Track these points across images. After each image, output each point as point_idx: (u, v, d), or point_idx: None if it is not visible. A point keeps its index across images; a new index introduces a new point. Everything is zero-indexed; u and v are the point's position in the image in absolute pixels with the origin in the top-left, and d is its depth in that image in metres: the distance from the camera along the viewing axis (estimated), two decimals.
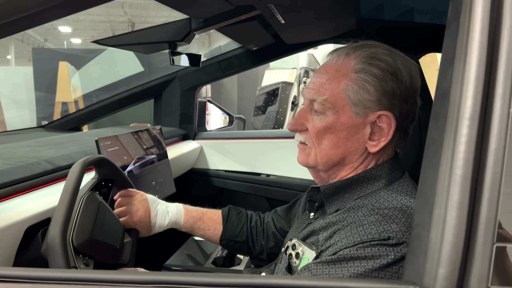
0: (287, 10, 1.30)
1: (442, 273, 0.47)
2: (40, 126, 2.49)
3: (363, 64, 0.81)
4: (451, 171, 0.48)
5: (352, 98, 0.81)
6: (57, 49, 10.21)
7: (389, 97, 0.81)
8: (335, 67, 0.84)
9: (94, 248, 0.97)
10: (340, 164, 0.86)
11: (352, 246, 0.71)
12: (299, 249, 0.85)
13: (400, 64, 0.82)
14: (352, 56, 0.83)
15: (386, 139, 0.82)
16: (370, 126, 0.82)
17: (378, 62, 0.81)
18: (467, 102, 0.48)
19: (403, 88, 0.82)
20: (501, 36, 0.49)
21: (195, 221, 1.22)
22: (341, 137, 0.83)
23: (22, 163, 1.17)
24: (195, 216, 1.23)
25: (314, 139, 0.86)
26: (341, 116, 0.82)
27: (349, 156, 0.85)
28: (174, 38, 1.48)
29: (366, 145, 0.83)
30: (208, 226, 1.24)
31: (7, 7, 0.68)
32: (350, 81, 0.81)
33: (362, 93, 0.80)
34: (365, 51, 0.83)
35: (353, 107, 0.81)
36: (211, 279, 0.49)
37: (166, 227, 1.18)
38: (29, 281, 0.52)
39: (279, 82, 4.57)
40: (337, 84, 0.82)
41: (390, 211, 0.75)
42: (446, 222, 0.47)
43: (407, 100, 0.83)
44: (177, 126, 2.30)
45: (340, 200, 0.85)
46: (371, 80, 0.80)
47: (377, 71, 0.80)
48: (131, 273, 0.51)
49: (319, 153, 0.86)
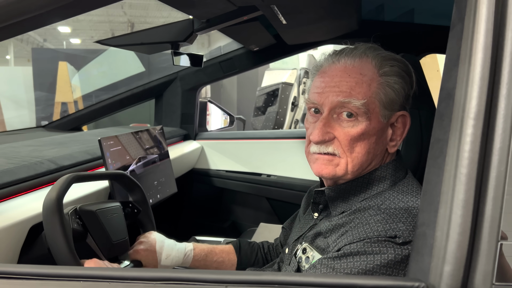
0: (289, 11, 1.30)
1: (447, 270, 0.47)
2: (41, 126, 2.49)
3: (385, 67, 0.82)
4: (456, 170, 0.48)
5: (384, 101, 0.81)
6: (57, 49, 10.21)
7: (407, 97, 0.85)
8: (358, 71, 0.81)
9: (92, 221, 1.00)
10: (366, 168, 0.86)
11: (358, 241, 0.72)
12: (309, 253, 0.85)
13: (408, 64, 0.86)
14: (369, 59, 0.83)
15: (401, 138, 0.85)
16: (391, 128, 0.85)
17: (397, 63, 0.83)
18: (472, 102, 0.49)
19: (412, 88, 0.86)
20: (505, 37, 0.49)
21: (207, 253, 1.16)
22: (372, 142, 0.82)
23: (25, 163, 1.18)
24: (205, 248, 1.17)
25: (346, 147, 0.81)
26: (372, 121, 0.81)
27: (375, 159, 0.85)
28: (177, 38, 1.48)
29: (387, 147, 0.85)
30: (222, 258, 1.18)
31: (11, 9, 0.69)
32: (380, 84, 0.81)
33: (393, 96, 0.81)
34: (378, 54, 0.84)
35: (382, 110, 0.81)
36: (219, 276, 0.49)
37: (174, 258, 1.12)
38: (36, 278, 0.52)
39: (279, 82, 4.57)
40: (367, 88, 0.80)
41: (396, 211, 0.76)
42: (452, 221, 0.48)
43: (410, 100, 0.87)
44: (178, 126, 2.30)
45: (345, 202, 0.85)
46: (399, 81, 0.82)
47: (399, 72, 0.82)
48: (139, 270, 0.51)
49: (351, 162, 0.82)
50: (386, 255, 0.69)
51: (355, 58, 0.83)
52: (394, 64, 0.82)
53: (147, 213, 1.21)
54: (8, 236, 0.95)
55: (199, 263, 1.15)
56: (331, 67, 0.84)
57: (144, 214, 1.20)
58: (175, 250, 1.11)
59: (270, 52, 2.07)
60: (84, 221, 1.00)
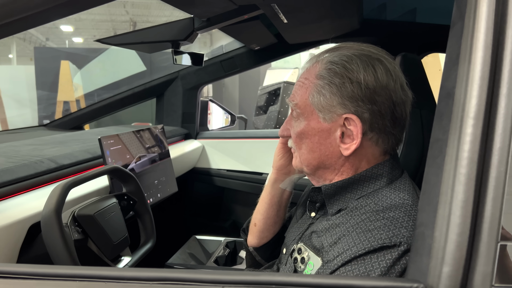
0: (290, 10, 1.30)
1: (446, 271, 0.47)
2: (42, 125, 2.49)
3: (324, 70, 0.84)
4: (455, 170, 0.48)
5: (316, 104, 0.84)
6: (59, 48, 10.22)
7: (350, 100, 0.81)
8: (305, 75, 0.88)
9: (92, 226, 1.01)
10: (322, 168, 0.88)
11: (362, 252, 0.71)
12: (304, 254, 0.85)
13: (360, 65, 0.81)
14: (319, 63, 0.86)
15: (356, 142, 0.81)
16: (340, 130, 0.83)
17: (335, 67, 0.82)
18: (472, 101, 0.48)
19: (365, 89, 0.80)
20: (505, 36, 0.49)
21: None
22: (314, 141, 0.86)
23: (25, 162, 1.18)
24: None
25: (295, 144, 0.91)
26: (311, 122, 0.85)
27: (327, 160, 0.86)
28: (177, 37, 1.48)
29: (339, 149, 0.84)
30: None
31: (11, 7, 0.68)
32: (312, 88, 0.85)
33: (322, 99, 0.83)
34: (330, 55, 0.85)
35: (319, 112, 0.84)
36: (215, 276, 0.49)
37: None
38: (32, 278, 0.52)
39: (280, 82, 4.56)
40: (304, 91, 0.86)
41: (395, 213, 0.75)
42: (451, 221, 0.47)
43: (374, 100, 0.80)
44: (179, 125, 2.30)
45: (342, 200, 0.85)
46: (327, 85, 0.82)
47: (333, 76, 0.82)
48: (135, 270, 0.51)
49: (300, 157, 0.90)
50: (390, 261, 0.68)
51: (313, 62, 0.88)
52: (330, 67, 0.82)
53: (143, 202, 1.22)
54: (8, 235, 0.95)
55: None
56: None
57: (140, 204, 1.21)
58: None
59: (271, 51, 2.06)
60: (84, 228, 1.00)
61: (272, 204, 1.10)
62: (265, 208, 1.10)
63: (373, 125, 0.81)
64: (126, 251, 1.14)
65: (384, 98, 0.81)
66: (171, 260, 1.62)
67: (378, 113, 0.81)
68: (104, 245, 1.03)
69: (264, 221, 1.11)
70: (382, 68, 0.81)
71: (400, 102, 0.83)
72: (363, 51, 0.84)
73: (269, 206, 1.10)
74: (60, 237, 0.88)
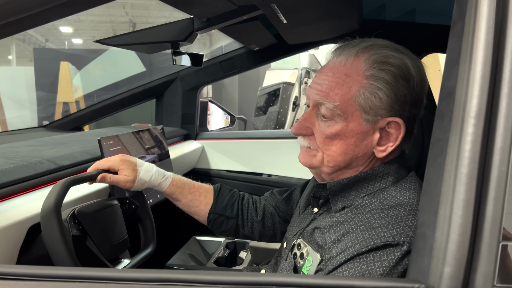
0: (289, 10, 1.30)
1: (447, 271, 0.47)
2: (42, 126, 2.49)
3: (374, 70, 0.78)
4: (456, 170, 0.48)
5: (363, 106, 0.79)
6: (59, 49, 10.23)
7: (400, 103, 0.79)
8: (344, 71, 0.81)
9: (91, 225, 1.00)
10: (345, 168, 0.85)
11: (365, 250, 0.70)
12: (304, 249, 0.84)
13: (411, 68, 0.79)
14: (362, 59, 0.80)
15: (394, 144, 0.81)
16: (379, 132, 0.81)
17: (390, 67, 0.78)
18: (473, 101, 0.48)
19: (414, 93, 0.80)
20: (506, 35, 0.49)
21: (185, 183, 1.18)
22: (350, 143, 0.81)
23: (25, 162, 1.17)
24: (185, 180, 1.18)
25: (321, 144, 0.84)
26: (350, 123, 0.80)
27: (356, 161, 0.84)
28: (177, 37, 1.48)
29: (374, 150, 0.82)
30: (199, 193, 1.19)
31: (10, 7, 0.68)
32: (361, 88, 0.79)
33: (374, 101, 0.78)
34: (375, 54, 0.80)
35: (363, 114, 0.79)
36: (215, 277, 0.49)
37: (153, 175, 1.12)
38: (33, 279, 0.52)
39: (280, 82, 4.57)
40: (347, 90, 0.79)
41: (400, 211, 0.74)
42: (452, 221, 0.47)
43: (417, 104, 0.82)
44: (179, 126, 2.30)
45: (346, 198, 0.84)
46: (384, 87, 0.78)
47: (389, 78, 0.78)
48: (136, 271, 0.51)
49: (327, 157, 0.84)
50: (393, 260, 0.68)
51: (349, 57, 0.81)
52: (385, 68, 0.78)
53: (144, 208, 1.21)
54: (7, 236, 0.94)
55: (176, 190, 1.16)
56: (326, 64, 0.86)
57: (142, 209, 1.20)
58: (155, 170, 1.13)
59: (271, 52, 2.06)
60: (83, 225, 1.00)
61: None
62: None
63: (407, 128, 0.81)
64: (125, 254, 1.14)
65: (421, 103, 0.83)
66: (171, 261, 1.61)
67: (413, 117, 0.82)
68: (103, 244, 1.03)
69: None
70: (423, 71, 0.82)
71: (423, 106, 0.85)
72: (404, 50, 0.82)
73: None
74: (59, 230, 0.87)
